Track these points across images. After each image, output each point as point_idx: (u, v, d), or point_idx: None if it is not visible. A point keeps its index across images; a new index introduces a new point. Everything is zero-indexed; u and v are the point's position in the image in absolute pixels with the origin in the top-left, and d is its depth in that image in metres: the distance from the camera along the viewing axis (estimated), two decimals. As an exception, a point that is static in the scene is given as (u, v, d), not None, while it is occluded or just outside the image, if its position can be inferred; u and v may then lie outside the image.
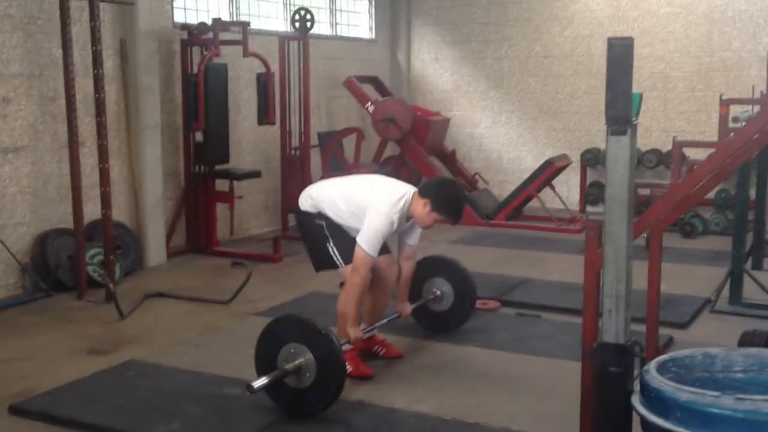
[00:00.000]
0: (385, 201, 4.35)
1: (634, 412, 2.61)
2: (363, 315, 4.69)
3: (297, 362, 3.85)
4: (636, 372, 2.70)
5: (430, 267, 5.22)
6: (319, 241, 4.55)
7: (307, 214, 4.59)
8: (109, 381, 4.41)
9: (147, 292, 6.16)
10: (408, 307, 4.87)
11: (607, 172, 2.52)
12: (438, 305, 5.21)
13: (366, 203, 4.38)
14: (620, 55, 2.33)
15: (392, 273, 4.70)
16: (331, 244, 4.50)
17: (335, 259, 4.51)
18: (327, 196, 4.54)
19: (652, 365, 2.51)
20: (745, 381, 2.57)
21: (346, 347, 4.33)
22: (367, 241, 4.27)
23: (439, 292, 5.20)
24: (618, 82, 2.34)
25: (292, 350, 3.88)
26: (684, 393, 2.32)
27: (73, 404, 4.08)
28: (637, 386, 2.59)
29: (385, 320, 4.77)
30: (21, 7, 6.17)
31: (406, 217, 4.46)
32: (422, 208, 4.36)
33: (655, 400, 2.40)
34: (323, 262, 4.61)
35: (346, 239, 4.46)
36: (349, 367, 4.31)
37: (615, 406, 2.56)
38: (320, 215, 4.52)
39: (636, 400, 2.51)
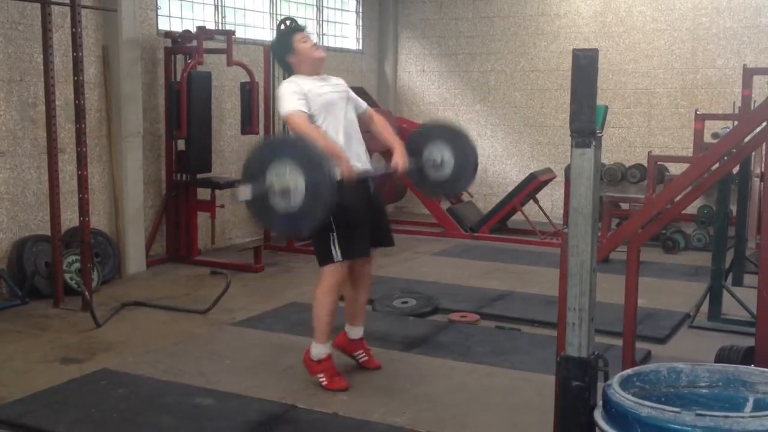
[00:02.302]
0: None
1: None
2: (345, 314, 4.66)
3: (287, 183, 3.70)
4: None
5: (431, 132, 4.99)
6: (320, 229, 4.17)
7: None
8: (81, 390, 4.35)
9: (124, 301, 6.11)
10: (406, 161, 4.51)
11: (571, 185, 2.52)
12: (437, 172, 4.91)
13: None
14: (585, 66, 2.32)
15: (367, 271, 4.58)
16: (334, 234, 4.21)
17: (333, 250, 4.23)
18: None
19: (615, 380, 2.49)
20: (710, 397, 2.56)
21: (321, 356, 4.33)
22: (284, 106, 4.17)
23: (439, 159, 4.87)
24: (583, 93, 2.33)
25: (287, 170, 3.71)
26: (644, 408, 2.30)
27: (43, 413, 4.02)
28: (600, 401, 2.58)
29: (382, 171, 4.57)
30: (2, 12, 6.14)
31: (315, 80, 4.33)
32: (297, 59, 4.32)
33: (616, 415, 2.38)
34: (323, 255, 4.31)
35: (352, 229, 4.24)
36: (323, 380, 4.28)
37: (577, 421, 2.54)
38: None
39: (598, 415, 2.50)
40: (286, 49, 4.37)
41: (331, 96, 4.31)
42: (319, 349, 4.38)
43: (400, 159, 4.43)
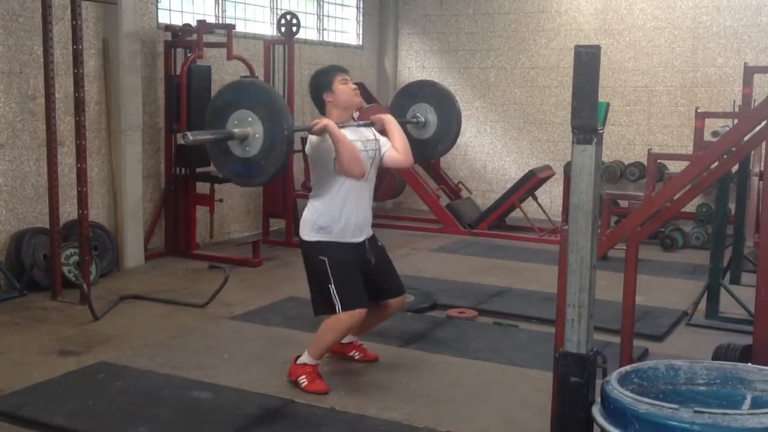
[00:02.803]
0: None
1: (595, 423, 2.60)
2: None
3: (246, 130, 3.81)
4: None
5: (418, 91, 5.00)
6: (320, 281, 4.25)
7: (306, 244, 4.31)
8: (78, 382, 4.35)
9: (122, 294, 6.12)
10: (384, 114, 4.60)
11: (572, 181, 2.52)
12: (419, 131, 4.94)
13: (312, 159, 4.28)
14: (587, 63, 2.32)
15: (398, 309, 4.62)
16: (333, 285, 4.19)
17: (335, 301, 4.20)
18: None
19: (613, 376, 2.50)
20: (707, 394, 2.57)
21: (310, 361, 4.31)
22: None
23: (423, 119, 4.92)
24: (584, 90, 2.33)
25: (249, 118, 3.82)
26: (643, 405, 2.31)
27: (40, 405, 4.02)
28: (598, 397, 2.58)
29: (356, 124, 4.48)
30: (2, 4, 6.13)
31: (355, 122, 4.37)
32: (333, 99, 4.28)
33: (614, 411, 2.39)
34: (322, 305, 4.31)
35: (349, 279, 4.23)
36: (304, 381, 4.25)
37: (576, 417, 2.55)
38: (319, 246, 4.24)
39: (596, 411, 2.50)
40: (324, 87, 4.30)
41: (362, 156, 4.26)
42: (309, 360, 4.33)
43: (383, 113, 4.57)
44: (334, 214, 4.24)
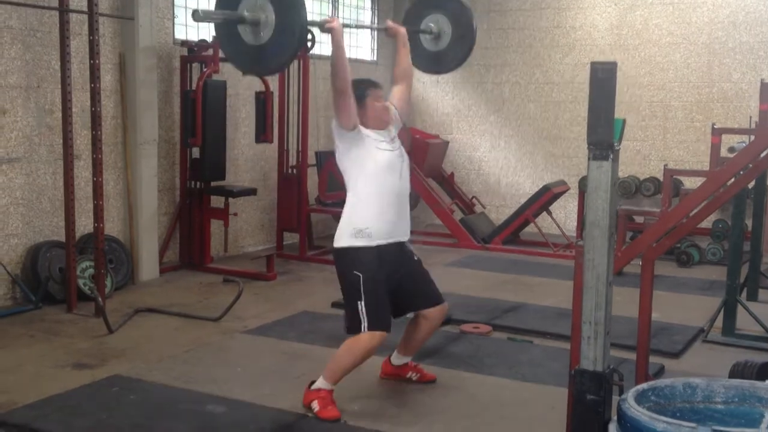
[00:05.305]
0: None
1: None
2: (399, 342, 4.58)
3: (257, 15, 3.67)
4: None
5: (434, 2, 4.88)
6: (352, 296, 4.16)
7: (342, 253, 4.20)
8: (92, 396, 4.36)
9: (137, 307, 6.13)
10: (400, 27, 4.53)
11: (588, 198, 2.51)
12: (432, 43, 4.85)
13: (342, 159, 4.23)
14: (603, 80, 2.32)
15: (440, 320, 4.56)
16: (363, 303, 4.10)
17: (362, 319, 4.10)
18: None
19: (630, 394, 2.47)
20: (725, 412, 2.54)
21: (325, 386, 4.21)
22: None
23: (436, 29, 4.81)
24: (600, 106, 2.33)
25: (261, 4, 3.68)
26: (660, 423, 2.28)
27: (55, 418, 4.03)
28: (615, 415, 2.56)
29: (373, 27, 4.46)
30: (21, 19, 6.20)
31: (385, 124, 4.31)
32: (363, 113, 4.20)
33: (631, 429, 2.36)
34: (351, 322, 4.18)
35: (379, 299, 4.14)
36: (316, 407, 4.15)
37: (592, 435, 2.53)
38: (356, 257, 4.13)
39: (613, 429, 2.48)
40: (357, 99, 4.18)
41: (392, 155, 4.22)
42: (324, 385, 4.21)
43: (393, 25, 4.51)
44: (373, 211, 4.14)
